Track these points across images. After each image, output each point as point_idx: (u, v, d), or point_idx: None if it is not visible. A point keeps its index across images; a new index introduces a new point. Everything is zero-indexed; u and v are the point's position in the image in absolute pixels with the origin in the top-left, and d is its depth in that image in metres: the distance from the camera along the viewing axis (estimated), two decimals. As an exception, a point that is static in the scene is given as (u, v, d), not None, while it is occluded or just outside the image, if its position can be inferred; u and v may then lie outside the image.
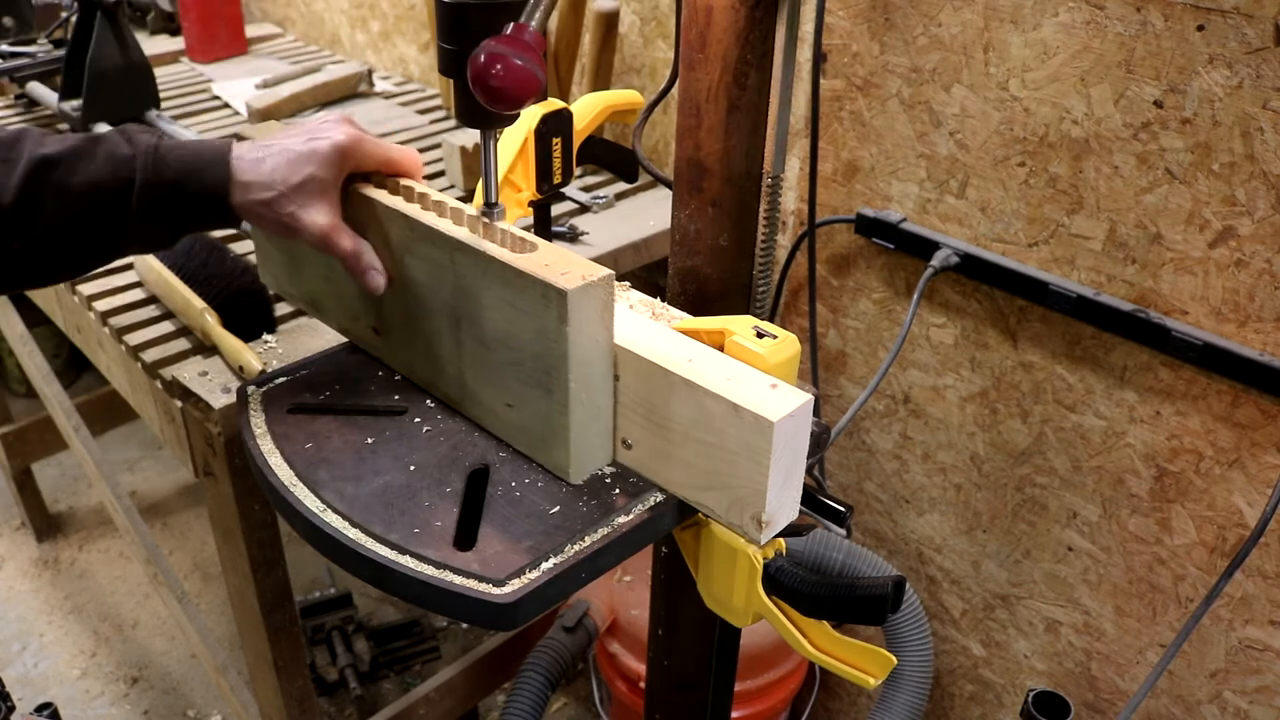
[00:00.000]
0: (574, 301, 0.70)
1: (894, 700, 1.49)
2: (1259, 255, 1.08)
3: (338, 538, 0.72)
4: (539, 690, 1.55)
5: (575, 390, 0.74)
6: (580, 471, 0.78)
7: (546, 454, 0.79)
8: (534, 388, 0.76)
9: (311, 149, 0.81)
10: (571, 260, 0.73)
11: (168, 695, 2.18)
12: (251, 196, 0.81)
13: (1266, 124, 1.03)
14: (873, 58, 1.34)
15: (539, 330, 0.73)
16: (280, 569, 1.30)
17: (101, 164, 0.79)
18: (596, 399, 0.76)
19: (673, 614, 1.14)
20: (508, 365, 0.78)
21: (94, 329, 1.33)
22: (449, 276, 0.80)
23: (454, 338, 0.82)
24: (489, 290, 0.76)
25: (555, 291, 0.70)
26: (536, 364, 0.75)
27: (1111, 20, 1.10)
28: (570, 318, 0.70)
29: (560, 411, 0.75)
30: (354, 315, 0.93)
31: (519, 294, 0.73)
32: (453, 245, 0.78)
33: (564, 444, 0.76)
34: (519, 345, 0.76)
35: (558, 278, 0.70)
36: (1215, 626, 1.26)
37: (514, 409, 0.79)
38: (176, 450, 1.26)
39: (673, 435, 0.75)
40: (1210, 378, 1.16)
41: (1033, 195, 1.24)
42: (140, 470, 2.82)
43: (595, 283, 0.71)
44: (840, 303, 1.53)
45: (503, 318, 0.76)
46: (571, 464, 0.77)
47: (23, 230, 0.78)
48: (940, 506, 1.53)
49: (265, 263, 1.02)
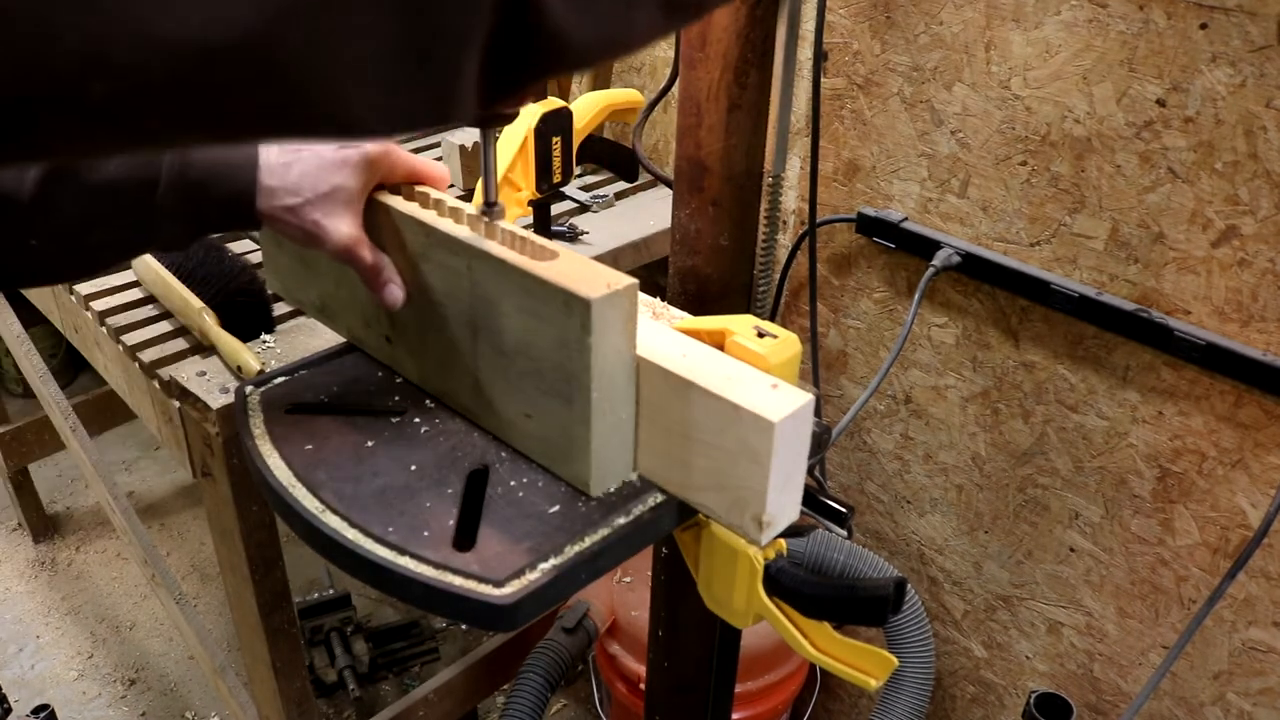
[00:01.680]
0: (598, 310, 0.68)
1: (895, 702, 1.48)
2: (1262, 255, 1.07)
3: (336, 539, 0.72)
4: (538, 691, 1.55)
5: (598, 401, 0.72)
6: (600, 484, 0.76)
7: (566, 466, 0.77)
8: (554, 398, 0.74)
9: (342, 157, 0.80)
10: (594, 268, 0.71)
11: (165, 697, 2.17)
12: (276, 202, 0.79)
13: (1270, 123, 1.02)
14: (874, 56, 1.33)
15: (560, 339, 0.71)
16: (279, 570, 1.30)
17: (125, 161, 0.76)
18: (618, 410, 0.75)
19: (673, 615, 1.14)
20: (527, 375, 0.76)
21: (91, 328, 1.32)
22: (466, 284, 0.78)
23: (471, 346, 0.80)
24: (508, 298, 0.74)
25: (579, 300, 0.68)
26: (557, 374, 0.73)
27: (1114, 19, 1.10)
28: (594, 327, 0.68)
29: (581, 423, 0.73)
30: (365, 322, 0.91)
31: (540, 302, 0.71)
32: (471, 253, 0.76)
33: (585, 456, 0.74)
34: (539, 355, 0.74)
35: (581, 286, 0.68)
36: (1218, 628, 1.26)
37: (533, 420, 0.77)
38: (174, 450, 1.25)
39: (673, 435, 0.74)
40: (1213, 378, 1.15)
41: (1035, 194, 1.23)
42: (138, 471, 2.82)
43: (620, 291, 0.69)
44: (841, 302, 1.53)
45: (522, 326, 0.74)
46: (592, 477, 0.75)
47: (41, 226, 0.75)
48: (942, 507, 1.53)
49: (273, 268, 1.00)
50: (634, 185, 1.64)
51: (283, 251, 0.97)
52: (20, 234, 0.75)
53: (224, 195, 0.79)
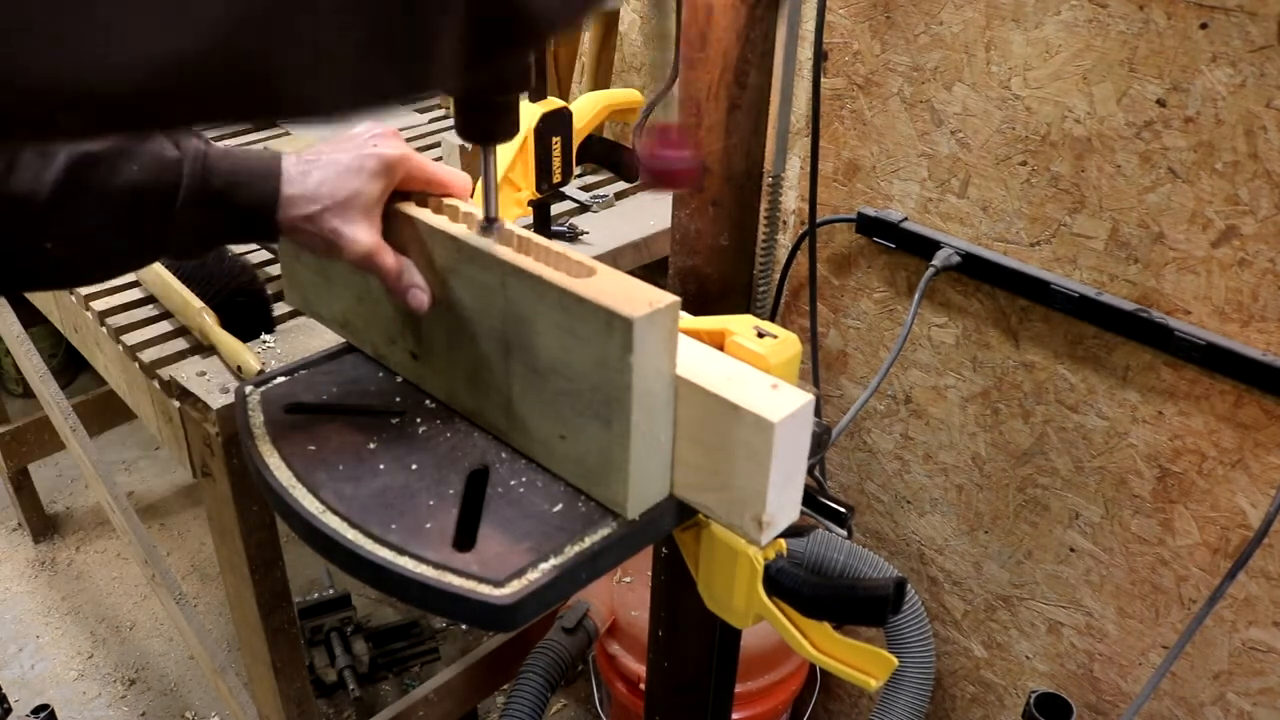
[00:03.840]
0: (640, 330, 0.66)
1: (895, 702, 1.48)
2: (1262, 255, 1.07)
3: (336, 539, 0.72)
4: (538, 692, 1.55)
5: (637, 422, 0.69)
6: (637, 507, 0.74)
7: (602, 488, 0.75)
8: (591, 419, 0.72)
9: (359, 163, 0.79)
10: (633, 285, 0.69)
11: (165, 697, 2.17)
12: (295, 210, 0.78)
13: (1270, 123, 1.02)
14: (874, 56, 1.33)
15: (599, 359, 0.69)
16: (278, 570, 1.30)
17: (146, 166, 0.74)
18: (658, 431, 0.72)
19: (673, 615, 1.14)
20: (562, 395, 0.73)
21: (91, 328, 1.32)
22: (499, 301, 0.75)
23: (503, 365, 0.78)
24: (544, 316, 0.72)
25: (620, 320, 0.66)
26: (595, 394, 0.71)
27: (1114, 19, 1.10)
28: (636, 346, 0.66)
29: (620, 444, 0.70)
30: (390, 338, 0.89)
31: (578, 321, 0.69)
32: (504, 269, 0.73)
33: (622, 478, 0.72)
34: (575, 374, 0.72)
35: (622, 304, 0.66)
36: (1218, 628, 1.26)
37: (567, 441, 0.75)
38: (174, 450, 1.25)
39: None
40: (1213, 378, 1.15)
41: (1035, 194, 1.23)
42: (138, 471, 2.82)
43: (662, 310, 0.67)
44: (841, 302, 1.53)
45: (558, 345, 0.72)
46: (629, 499, 0.73)
47: (57, 229, 0.74)
48: (942, 507, 1.52)
49: (292, 282, 0.97)
50: (634, 185, 1.64)
51: (302, 265, 0.95)
52: (35, 235, 0.74)
53: (245, 204, 0.77)
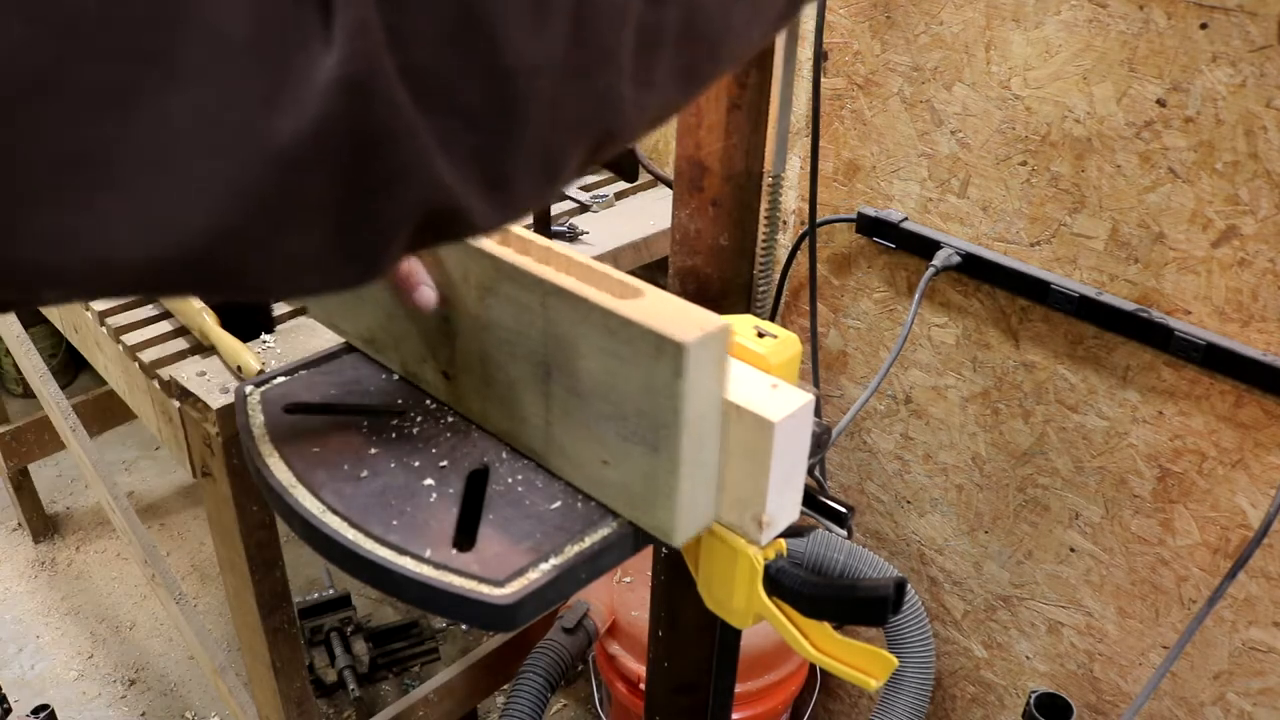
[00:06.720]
0: (692, 355, 0.63)
1: (895, 702, 1.48)
2: (1262, 255, 1.07)
3: (336, 539, 0.72)
4: (538, 692, 1.55)
5: (687, 448, 0.67)
6: (684, 534, 0.72)
7: (648, 515, 0.72)
8: (637, 444, 0.69)
9: None
10: (682, 306, 0.67)
11: (165, 697, 2.17)
12: None
13: (1270, 123, 1.02)
14: (874, 56, 1.33)
15: (646, 384, 0.66)
16: (278, 570, 1.30)
17: None
18: (706, 456, 0.70)
19: (673, 615, 1.14)
20: (606, 420, 0.71)
21: (91, 328, 1.32)
22: (539, 321, 0.73)
23: (541, 387, 0.75)
24: (587, 338, 0.69)
25: (671, 344, 0.63)
26: (641, 420, 0.68)
27: (1114, 18, 1.10)
28: (687, 372, 0.63)
29: (668, 471, 0.68)
30: (420, 357, 0.86)
31: (624, 344, 0.67)
32: (545, 288, 0.71)
33: (669, 506, 0.69)
34: (620, 399, 0.69)
35: (672, 328, 0.64)
36: (1218, 628, 1.26)
37: (610, 466, 0.73)
38: (174, 451, 1.25)
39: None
40: (1213, 378, 1.15)
41: (1035, 194, 1.23)
42: (138, 471, 2.82)
43: (713, 334, 0.65)
44: (841, 302, 1.53)
45: (602, 368, 0.69)
46: (677, 527, 0.71)
47: None
48: (942, 507, 1.52)
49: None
50: (634, 185, 1.64)
51: None
52: None
53: None
